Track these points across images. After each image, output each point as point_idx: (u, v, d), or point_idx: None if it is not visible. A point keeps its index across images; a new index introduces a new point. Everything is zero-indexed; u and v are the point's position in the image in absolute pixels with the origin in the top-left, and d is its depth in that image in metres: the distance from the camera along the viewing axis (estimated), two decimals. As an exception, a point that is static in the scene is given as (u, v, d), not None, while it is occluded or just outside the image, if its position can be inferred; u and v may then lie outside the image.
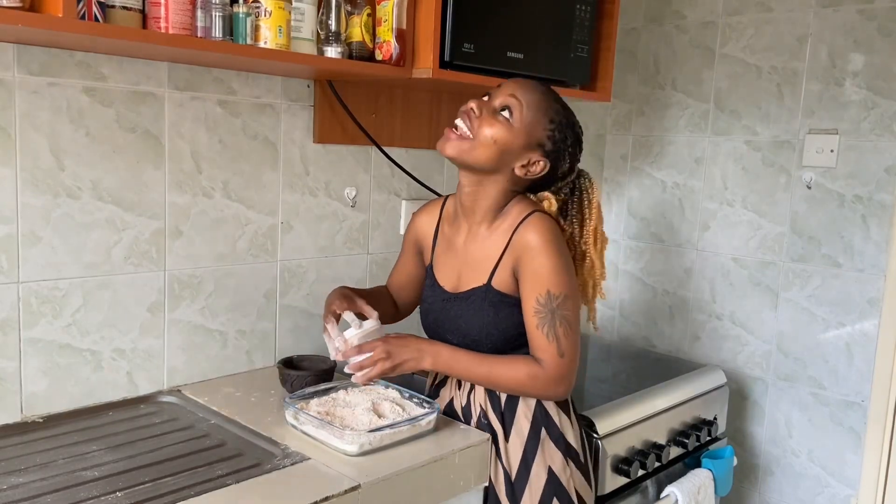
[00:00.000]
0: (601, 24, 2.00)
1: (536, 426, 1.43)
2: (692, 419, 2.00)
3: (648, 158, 2.58)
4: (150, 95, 1.51)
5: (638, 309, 2.64)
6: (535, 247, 1.35)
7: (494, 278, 1.41)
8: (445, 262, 1.51)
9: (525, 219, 1.39)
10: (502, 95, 1.38)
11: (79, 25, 1.13)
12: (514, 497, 1.43)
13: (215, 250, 1.66)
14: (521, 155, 1.39)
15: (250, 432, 1.40)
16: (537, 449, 1.43)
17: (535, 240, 1.36)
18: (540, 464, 1.42)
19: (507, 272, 1.40)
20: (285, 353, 1.78)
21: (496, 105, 1.37)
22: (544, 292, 1.35)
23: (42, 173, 1.39)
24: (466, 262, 1.47)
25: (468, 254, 1.47)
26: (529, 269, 1.36)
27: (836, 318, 2.20)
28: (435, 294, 1.51)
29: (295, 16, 1.45)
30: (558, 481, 1.42)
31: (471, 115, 1.37)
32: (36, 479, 1.19)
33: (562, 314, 1.35)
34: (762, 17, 2.28)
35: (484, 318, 1.41)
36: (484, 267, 1.43)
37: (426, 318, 1.54)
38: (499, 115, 1.37)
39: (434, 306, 1.51)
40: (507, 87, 1.39)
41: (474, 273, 1.44)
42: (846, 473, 2.22)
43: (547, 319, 1.35)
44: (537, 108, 1.38)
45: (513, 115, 1.36)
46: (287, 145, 1.76)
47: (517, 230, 1.39)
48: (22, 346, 1.41)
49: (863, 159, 2.13)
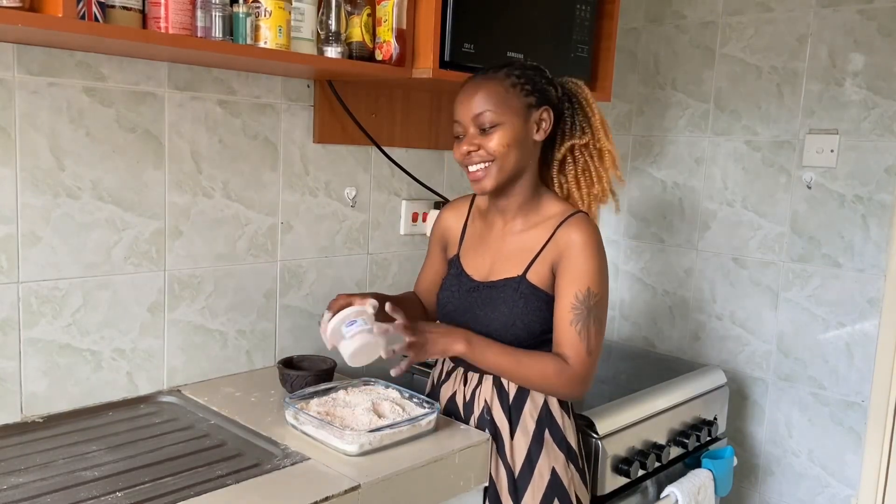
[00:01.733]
0: (601, 24, 2.00)
1: (541, 426, 1.44)
2: (692, 419, 2.00)
3: (648, 158, 2.58)
4: (150, 95, 1.51)
5: (638, 309, 2.64)
6: (579, 245, 1.39)
7: (530, 271, 1.43)
8: (476, 253, 1.53)
9: (569, 218, 1.43)
10: (468, 120, 1.40)
11: (79, 25, 1.13)
12: (517, 495, 1.43)
13: (215, 250, 1.66)
14: (528, 130, 1.41)
15: (250, 432, 1.40)
16: (542, 449, 1.44)
17: (579, 238, 1.39)
18: (544, 464, 1.43)
19: (546, 267, 1.42)
20: (285, 353, 1.78)
21: (475, 129, 1.40)
22: (584, 289, 1.38)
23: (42, 173, 1.39)
24: (500, 253, 1.48)
25: (504, 246, 1.48)
26: (572, 265, 1.39)
27: (836, 318, 2.20)
28: (461, 283, 1.51)
29: (295, 16, 1.45)
30: (560, 482, 1.43)
31: (472, 153, 1.40)
32: (36, 479, 1.19)
33: (596, 314, 1.38)
34: (762, 17, 2.28)
35: (513, 308, 1.42)
36: (520, 259, 1.45)
37: (444, 307, 1.53)
38: (486, 131, 1.39)
39: (456, 295, 1.51)
40: (462, 111, 1.41)
41: (509, 264, 1.46)
42: (846, 473, 2.22)
43: (582, 317, 1.37)
44: (494, 93, 1.38)
45: (492, 118, 1.38)
46: (287, 145, 1.76)
47: (560, 227, 1.42)
48: (22, 346, 1.41)
49: (863, 159, 2.12)
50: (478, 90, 1.39)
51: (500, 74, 1.40)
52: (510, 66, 1.43)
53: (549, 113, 1.42)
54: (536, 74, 1.43)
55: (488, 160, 1.39)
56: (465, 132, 1.41)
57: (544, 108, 1.42)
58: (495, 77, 1.40)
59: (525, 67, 1.43)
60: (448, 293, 1.53)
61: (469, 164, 1.41)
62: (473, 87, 1.40)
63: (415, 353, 1.35)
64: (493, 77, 1.40)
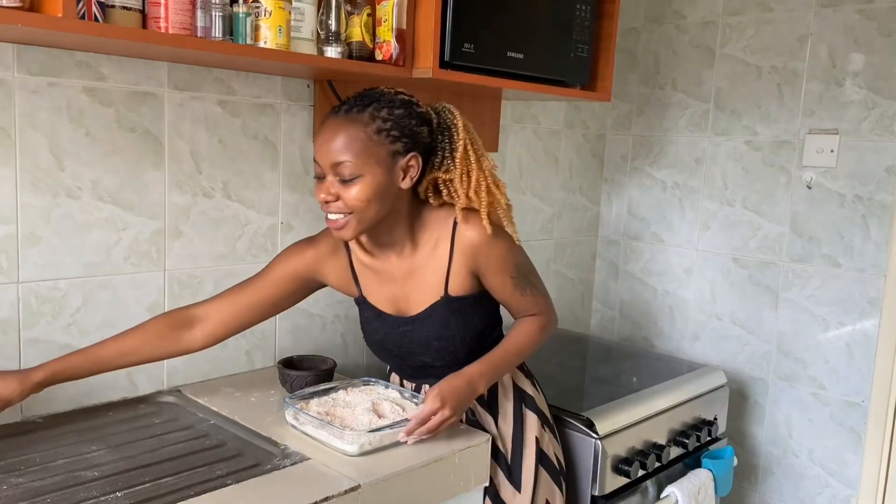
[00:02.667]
0: (601, 24, 2.00)
1: (517, 405, 1.51)
2: (692, 419, 2.00)
3: (648, 158, 2.58)
4: (150, 95, 1.51)
5: (638, 309, 2.64)
6: (483, 240, 1.37)
7: (450, 287, 1.41)
8: (382, 291, 1.46)
9: (455, 226, 1.38)
10: (326, 166, 1.29)
11: (79, 25, 1.13)
12: (514, 480, 1.48)
13: (215, 250, 1.66)
14: (393, 179, 1.31)
15: (250, 432, 1.39)
16: (523, 424, 1.50)
17: (478, 235, 1.37)
18: (529, 435, 1.50)
19: (464, 276, 1.41)
20: (285, 353, 1.78)
21: (333, 177, 1.29)
22: (512, 268, 1.42)
23: (42, 173, 1.39)
24: (408, 285, 1.43)
25: (410, 277, 1.43)
26: (490, 259, 1.40)
27: (836, 318, 2.20)
28: (387, 324, 1.46)
29: (295, 16, 1.45)
30: (541, 449, 1.50)
31: (330, 203, 1.30)
32: (36, 479, 1.19)
33: (529, 272, 1.47)
34: (762, 17, 2.28)
35: (452, 327, 1.42)
36: (433, 282, 1.42)
37: (384, 351, 1.51)
38: (345, 181, 1.28)
39: (391, 335, 1.47)
40: (321, 154, 1.29)
41: (423, 292, 1.43)
42: (846, 473, 2.22)
43: (525, 284, 1.45)
44: (355, 140, 1.27)
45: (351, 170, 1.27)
46: (287, 145, 1.75)
47: (456, 236, 1.38)
48: (22, 346, 1.40)
49: (863, 159, 2.12)
50: (337, 133, 1.27)
51: (365, 116, 1.28)
52: (377, 102, 1.30)
53: (417, 159, 1.32)
54: (406, 115, 1.31)
55: (346, 212, 1.30)
56: (323, 175, 1.30)
57: (412, 154, 1.32)
58: (359, 120, 1.28)
59: (394, 106, 1.31)
60: (380, 337, 1.49)
61: (327, 211, 1.32)
62: (333, 129, 1.28)
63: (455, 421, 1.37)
64: (357, 119, 1.28)
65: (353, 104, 1.31)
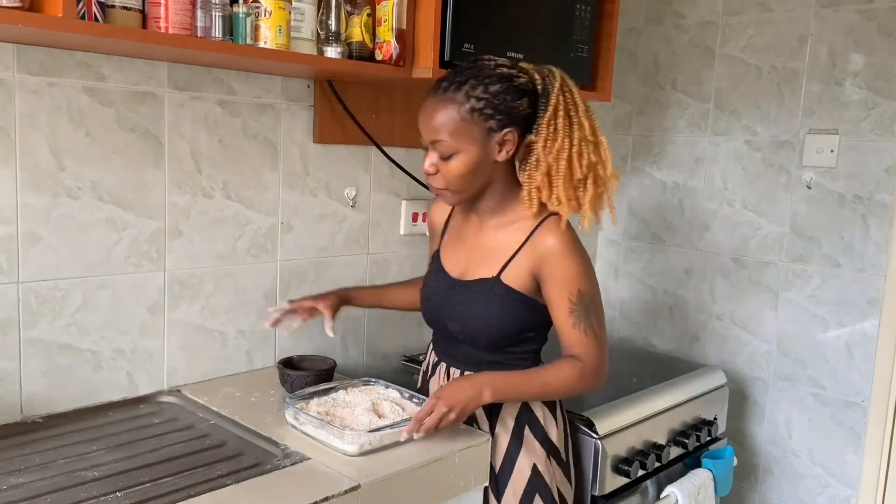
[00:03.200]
0: (601, 24, 2.00)
1: (520, 423, 1.46)
2: (692, 419, 2.00)
3: (648, 158, 2.58)
4: (150, 95, 1.51)
5: (638, 309, 2.64)
6: (557, 251, 1.36)
7: (505, 273, 1.41)
8: (454, 249, 1.52)
9: (543, 222, 1.39)
10: (427, 140, 1.36)
11: (79, 25, 1.13)
12: (498, 491, 1.45)
13: (215, 250, 1.66)
14: (488, 153, 1.35)
15: (250, 432, 1.40)
16: (521, 446, 1.46)
17: (557, 243, 1.36)
18: (524, 460, 1.45)
19: (524, 271, 1.40)
20: (285, 353, 1.78)
21: (434, 151, 1.36)
22: (576, 292, 1.37)
23: (42, 173, 1.39)
24: (476, 251, 1.47)
25: (478, 244, 1.47)
26: (557, 272, 1.37)
27: (836, 318, 2.20)
28: (439, 279, 1.51)
29: (295, 16, 1.45)
30: (542, 479, 1.45)
31: (432, 176, 1.38)
32: (36, 479, 1.19)
33: (593, 309, 1.39)
34: (762, 17, 2.28)
35: (488, 309, 1.41)
36: (494, 259, 1.43)
37: (427, 303, 1.53)
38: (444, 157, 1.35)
39: (437, 290, 1.51)
40: (422, 129, 1.36)
41: (483, 264, 1.45)
42: (846, 473, 2.22)
43: (582, 317, 1.37)
44: (451, 120, 1.32)
45: (446, 148, 1.33)
46: (287, 145, 1.76)
47: (536, 231, 1.39)
48: (22, 346, 1.41)
49: (863, 159, 2.12)
50: (433, 113, 1.33)
51: (460, 96, 1.31)
52: (474, 80, 1.32)
53: (513, 134, 1.35)
54: (502, 91, 1.32)
55: (446, 186, 1.38)
56: (426, 147, 1.38)
57: (508, 130, 1.34)
58: (453, 100, 1.32)
59: (490, 82, 1.32)
60: (430, 288, 1.53)
61: (430, 182, 1.41)
62: (431, 109, 1.34)
63: (455, 419, 1.32)
64: (452, 100, 1.32)
65: (451, 82, 1.34)
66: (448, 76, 1.36)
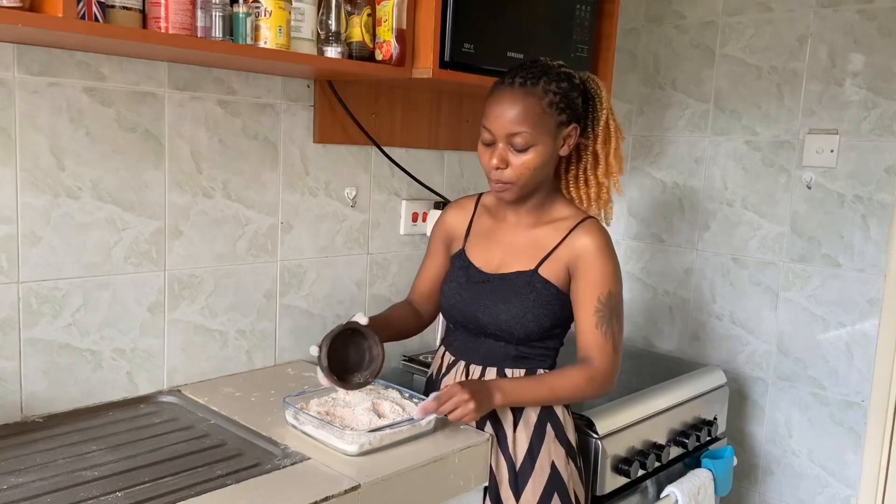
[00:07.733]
0: (601, 24, 2.00)
1: (542, 421, 1.47)
2: (692, 419, 2.00)
3: (648, 158, 2.58)
4: (150, 95, 1.51)
5: (638, 309, 2.64)
6: (594, 250, 1.42)
7: (543, 266, 1.44)
8: (484, 247, 1.53)
9: (581, 222, 1.45)
10: (500, 136, 1.36)
11: (79, 25, 1.13)
12: (518, 488, 1.45)
13: (215, 250, 1.66)
14: (556, 147, 1.40)
15: (250, 432, 1.40)
16: (542, 443, 1.46)
17: (594, 244, 1.42)
18: (545, 457, 1.45)
19: (560, 266, 1.44)
20: (285, 353, 1.78)
21: (505, 145, 1.37)
22: (606, 292, 1.41)
23: (42, 173, 1.39)
24: (511, 247, 1.49)
25: (515, 240, 1.49)
26: (591, 270, 1.41)
27: (836, 318, 2.20)
28: (468, 275, 1.51)
29: (295, 16, 1.45)
30: (560, 477, 1.45)
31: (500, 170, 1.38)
32: (36, 479, 1.19)
33: (617, 313, 1.43)
34: (762, 17, 2.28)
35: (525, 300, 1.43)
36: (532, 253, 1.46)
37: (449, 300, 1.53)
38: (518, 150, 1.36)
39: (463, 287, 1.51)
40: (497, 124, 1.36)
41: (520, 258, 1.47)
42: (846, 473, 2.22)
43: (606, 318, 1.41)
44: (533, 113, 1.35)
45: (526, 140, 1.35)
46: (287, 145, 1.76)
47: (574, 231, 1.44)
48: (22, 346, 1.41)
49: (863, 159, 2.12)
50: (515, 105, 1.35)
51: (539, 90, 1.35)
52: (546, 76, 1.37)
53: (576, 129, 1.42)
54: (570, 88, 1.39)
55: (516, 180, 1.39)
56: (494, 142, 1.38)
57: (573, 125, 1.41)
58: (534, 93, 1.35)
59: (560, 79, 1.38)
60: (454, 285, 1.53)
61: (494, 177, 1.41)
62: (511, 101, 1.35)
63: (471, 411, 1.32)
64: (532, 93, 1.35)
65: (526, 76, 1.36)
66: (518, 71, 1.38)
